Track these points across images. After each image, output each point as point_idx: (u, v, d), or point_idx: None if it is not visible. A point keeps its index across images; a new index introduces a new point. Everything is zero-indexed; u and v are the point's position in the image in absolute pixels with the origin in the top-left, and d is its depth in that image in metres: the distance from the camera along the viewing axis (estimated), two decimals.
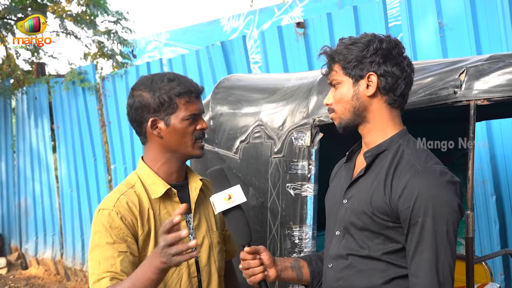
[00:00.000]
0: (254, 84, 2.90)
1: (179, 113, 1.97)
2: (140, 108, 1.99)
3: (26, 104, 8.20)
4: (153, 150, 2.04)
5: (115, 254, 1.87)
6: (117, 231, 1.90)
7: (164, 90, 1.97)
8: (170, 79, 1.99)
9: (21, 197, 8.49)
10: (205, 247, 2.10)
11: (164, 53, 10.64)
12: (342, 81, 1.83)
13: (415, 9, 4.15)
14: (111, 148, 6.84)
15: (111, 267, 1.85)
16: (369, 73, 1.78)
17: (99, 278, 1.84)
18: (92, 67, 7.17)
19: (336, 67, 1.84)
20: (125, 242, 1.90)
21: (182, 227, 2.01)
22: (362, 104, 1.81)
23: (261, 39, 5.23)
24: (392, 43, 1.81)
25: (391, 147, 1.81)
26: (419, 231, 1.68)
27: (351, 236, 1.82)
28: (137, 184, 2.02)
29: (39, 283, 7.60)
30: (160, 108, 1.97)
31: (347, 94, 1.82)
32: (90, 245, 1.94)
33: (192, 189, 2.10)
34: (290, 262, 2.02)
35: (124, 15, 8.46)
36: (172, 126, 1.97)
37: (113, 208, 1.92)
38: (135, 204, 1.96)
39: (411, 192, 1.69)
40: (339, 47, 1.84)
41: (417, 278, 1.69)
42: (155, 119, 1.98)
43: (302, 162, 2.34)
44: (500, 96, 1.87)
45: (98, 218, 1.93)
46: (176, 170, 2.06)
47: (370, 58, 1.78)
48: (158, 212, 2.00)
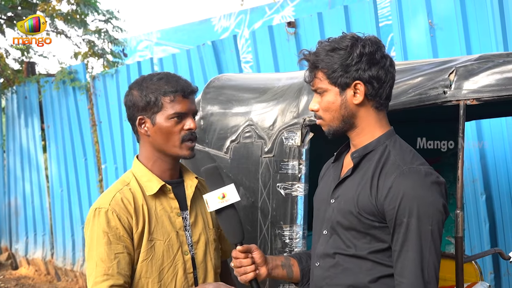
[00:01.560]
0: (244, 84, 2.90)
1: (164, 112, 1.98)
2: (131, 107, 2.03)
3: (16, 104, 8.15)
4: (145, 148, 2.06)
5: (111, 256, 1.89)
6: (114, 230, 1.92)
7: (150, 89, 1.99)
8: (159, 78, 2.01)
9: (11, 197, 8.44)
10: (202, 244, 2.11)
11: (155, 53, 10.60)
12: (327, 89, 1.81)
13: (406, 9, 4.16)
14: (102, 148, 6.81)
15: (108, 269, 1.88)
16: (355, 82, 1.77)
17: (96, 281, 1.87)
18: (83, 66, 7.13)
19: (319, 75, 1.82)
20: (122, 242, 1.92)
21: (179, 223, 2.04)
22: (350, 112, 1.81)
23: (252, 38, 5.23)
24: (374, 46, 1.78)
25: (378, 147, 1.82)
26: (404, 231, 1.70)
27: (338, 236, 1.84)
28: (132, 181, 2.04)
29: (29, 283, 7.56)
30: (146, 106, 1.99)
31: (334, 103, 1.81)
32: (87, 244, 1.95)
33: (187, 186, 2.11)
34: (280, 261, 2.04)
35: (114, 14, 8.42)
36: (158, 125, 1.98)
37: (109, 207, 1.94)
38: (129, 201, 1.97)
39: (397, 192, 1.70)
40: (319, 53, 1.81)
41: (402, 277, 1.70)
42: (142, 117, 2.00)
43: (293, 162, 2.34)
44: (489, 96, 1.88)
45: (94, 217, 1.94)
46: (169, 168, 2.07)
47: (355, 66, 1.76)
48: (154, 208, 2.01)
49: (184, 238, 2.05)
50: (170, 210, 2.05)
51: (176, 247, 2.02)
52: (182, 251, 2.04)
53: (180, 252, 2.03)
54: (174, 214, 2.05)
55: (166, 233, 2.01)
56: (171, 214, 2.05)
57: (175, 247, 2.02)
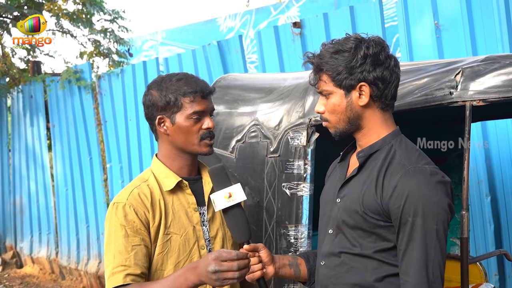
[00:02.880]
0: (250, 84, 2.90)
1: (184, 112, 2.04)
2: (150, 106, 2.09)
3: (21, 103, 8.17)
4: (164, 147, 2.13)
5: (129, 248, 1.95)
6: (131, 224, 1.97)
7: (170, 89, 2.05)
8: (179, 79, 2.07)
9: (16, 195, 8.46)
10: (219, 239, 2.14)
11: (160, 52, 10.63)
12: (333, 91, 1.82)
13: (412, 10, 4.16)
14: (107, 147, 6.82)
15: (125, 261, 1.93)
16: (360, 83, 1.78)
17: (114, 272, 1.93)
18: (88, 65, 7.15)
19: (324, 77, 1.83)
20: (139, 234, 1.98)
21: (195, 218, 2.09)
22: (356, 113, 1.82)
23: (258, 38, 5.23)
24: (378, 47, 1.78)
25: (384, 147, 1.83)
26: (410, 231, 1.70)
27: (343, 235, 1.84)
28: (151, 178, 2.10)
29: (34, 281, 7.59)
30: (166, 106, 2.05)
31: (340, 106, 1.82)
32: (106, 238, 2.02)
33: (205, 182, 2.16)
34: (288, 260, 2.05)
35: (120, 14, 8.44)
36: (177, 124, 2.05)
37: (126, 201, 2.00)
38: (147, 196, 2.03)
39: (402, 191, 1.71)
40: (324, 55, 1.81)
41: (407, 276, 1.71)
42: (162, 117, 2.06)
43: (298, 162, 2.34)
44: (496, 97, 1.88)
45: (112, 212, 2.01)
46: (187, 164, 2.13)
47: (360, 68, 1.76)
48: (171, 203, 2.07)
49: (201, 233, 2.09)
50: (187, 205, 2.09)
51: (193, 241, 2.07)
52: (199, 246, 2.08)
53: (197, 246, 2.07)
54: (191, 209, 2.09)
55: (183, 227, 2.06)
56: (188, 209, 2.09)
57: (191, 241, 2.06)
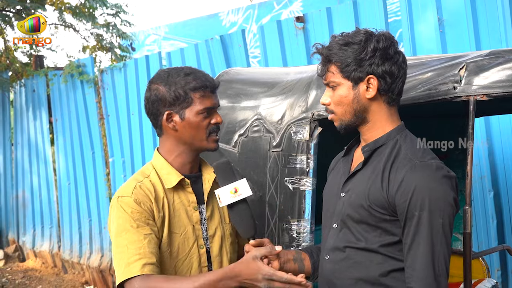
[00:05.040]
0: (253, 78, 2.89)
1: (194, 107, 2.01)
2: (156, 102, 2.04)
3: (24, 97, 8.18)
4: (168, 142, 2.09)
5: (141, 237, 1.91)
6: (139, 215, 1.94)
7: (180, 84, 2.01)
8: (187, 74, 2.04)
9: (19, 189, 8.47)
10: (217, 238, 2.13)
11: (163, 47, 10.61)
12: (340, 83, 1.83)
13: (415, 5, 4.14)
14: (109, 141, 6.82)
15: (139, 249, 1.89)
16: (369, 76, 1.78)
17: (129, 262, 1.87)
18: (91, 60, 7.14)
19: (332, 69, 1.83)
20: (147, 225, 1.95)
21: (195, 217, 2.07)
22: (363, 106, 1.83)
23: (261, 33, 5.22)
24: (388, 41, 1.80)
25: (389, 142, 1.83)
26: (416, 224, 1.71)
27: (348, 229, 1.84)
28: (152, 174, 2.08)
29: (36, 275, 7.60)
30: (175, 102, 2.01)
31: (347, 97, 1.82)
32: (114, 232, 1.96)
33: (205, 180, 2.15)
34: (292, 255, 2.06)
35: (123, 8, 8.43)
36: (187, 120, 2.02)
37: (132, 195, 1.98)
38: (151, 192, 2.01)
39: (408, 186, 1.71)
40: (333, 46, 1.82)
41: (413, 270, 1.71)
42: (170, 113, 2.03)
43: (301, 156, 2.34)
44: (500, 92, 1.87)
45: (118, 205, 1.98)
46: (189, 161, 2.11)
47: (369, 61, 1.77)
48: (172, 201, 2.05)
49: (200, 232, 2.08)
50: (187, 204, 2.08)
51: (192, 240, 2.05)
52: (198, 245, 2.07)
53: (196, 246, 2.06)
54: (191, 208, 2.08)
55: (183, 226, 2.04)
56: (188, 208, 2.08)
57: (190, 241, 2.05)
